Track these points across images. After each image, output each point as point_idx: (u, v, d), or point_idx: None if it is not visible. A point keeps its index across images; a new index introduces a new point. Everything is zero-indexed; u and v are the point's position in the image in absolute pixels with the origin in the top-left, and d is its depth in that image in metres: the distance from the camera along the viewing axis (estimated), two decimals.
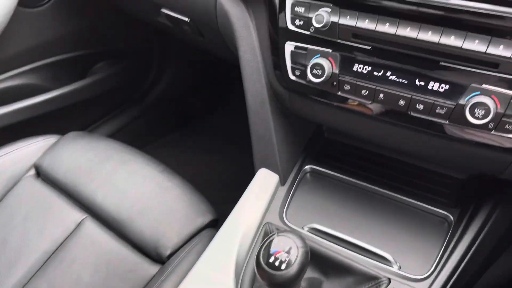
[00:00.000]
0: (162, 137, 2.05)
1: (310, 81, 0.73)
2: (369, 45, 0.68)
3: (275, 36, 0.77)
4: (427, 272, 0.78)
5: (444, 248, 0.81)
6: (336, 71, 0.72)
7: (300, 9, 0.72)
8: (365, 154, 0.98)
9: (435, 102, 0.65)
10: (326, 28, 0.69)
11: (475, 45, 0.60)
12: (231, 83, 2.09)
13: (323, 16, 0.68)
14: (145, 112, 1.94)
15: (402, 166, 0.94)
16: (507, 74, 0.59)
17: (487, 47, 0.59)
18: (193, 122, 2.15)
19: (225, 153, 1.93)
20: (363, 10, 0.66)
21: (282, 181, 0.95)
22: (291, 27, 0.74)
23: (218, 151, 1.97)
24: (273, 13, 0.76)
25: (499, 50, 0.58)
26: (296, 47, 0.75)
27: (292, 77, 0.78)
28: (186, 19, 0.96)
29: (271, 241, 0.66)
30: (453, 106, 0.64)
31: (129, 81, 1.84)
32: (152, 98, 1.96)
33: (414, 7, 0.61)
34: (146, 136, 1.98)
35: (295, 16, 0.73)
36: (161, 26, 1.17)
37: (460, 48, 0.60)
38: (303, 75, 0.75)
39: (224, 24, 0.86)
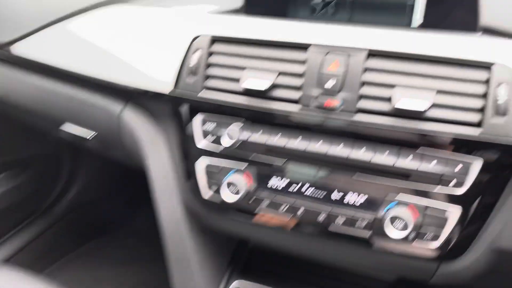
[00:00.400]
0: (76, 249, 1.83)
1: (225, 200, 0.68)
2: (282, 160, 0.66)
3: (187, 152, 0.73)
4: None
5: None
6: (252, 188, 0.68)
7: (210, 126, 0.69)
8: (293, 262, 0.93)
9: (353, 216, 0.63)
10: (238, 144, 0.66)
11: (384, 157, 0.60)
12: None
13: (234, 132, 0.66)
14: (52, 225, 1.74)
15: (331, 273, 0.90)
16: (419, 184, 0.59)
17: (396, 159, 0.59)
18: (112, 228, 1.97)
19: (149, 260, 1.77)
20: (273, 126, 0.65)
21: None
22: (202, 143, 0.70)
23: (140, 259, 1.79)
24: (183, 130, 0.72)
25: (407, 162, 0.59)
26: (209, 164, 0.71)
27: (207, 195, 0.73)
28: (87, 137, 0.89)
29: None
30: (372, 220, 0.62)
31: (34, 192, 1.66)
32: (61, 208, 1.77)
33: (321, 123, 0.61)
34: (55, 251, 1.76)
35: (205, 132, 0.70)
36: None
37: (370, 162, 0.60)
38: (219, 192, 0.70)
39: (130, 142, 0.81)
